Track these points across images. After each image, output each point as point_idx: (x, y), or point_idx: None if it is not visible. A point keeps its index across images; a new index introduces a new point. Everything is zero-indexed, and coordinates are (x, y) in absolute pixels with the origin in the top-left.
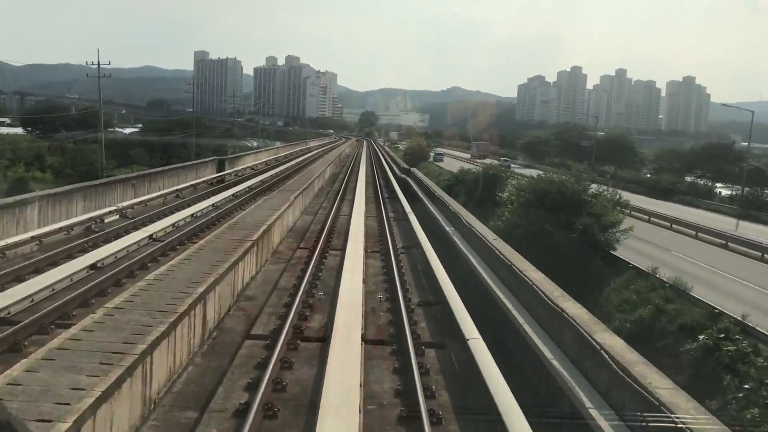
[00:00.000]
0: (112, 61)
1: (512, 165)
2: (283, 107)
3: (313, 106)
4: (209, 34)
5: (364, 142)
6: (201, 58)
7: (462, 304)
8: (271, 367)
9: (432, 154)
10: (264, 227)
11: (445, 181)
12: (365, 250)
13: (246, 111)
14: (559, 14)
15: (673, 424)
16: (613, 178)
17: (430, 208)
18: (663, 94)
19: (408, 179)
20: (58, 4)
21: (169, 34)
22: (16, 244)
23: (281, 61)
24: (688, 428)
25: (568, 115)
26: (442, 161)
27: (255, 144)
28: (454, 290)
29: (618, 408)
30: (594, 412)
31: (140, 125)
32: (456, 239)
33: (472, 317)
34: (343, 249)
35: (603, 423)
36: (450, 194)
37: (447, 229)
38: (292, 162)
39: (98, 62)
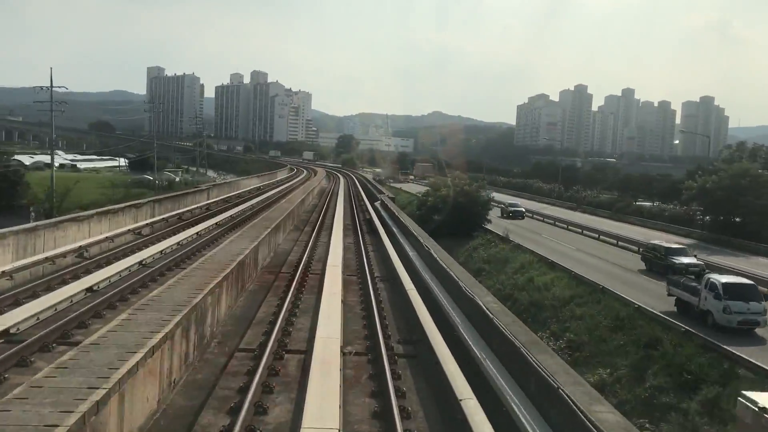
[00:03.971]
0: (81, 85)
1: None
2: (248, 129)
3: (282, 129)
4: (179, 57)
5: (341, 180)
6: (155, 75)
7: None
8: None
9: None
10: None
11: None
12: None
13: (205, 134)
14: (534, 43)
15: None
16: None
17: None
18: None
19: None
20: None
21: (143, 58)
22: None
23: (247, 79)
24: None
25: (573, 139)
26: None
27: (177, 179)
28: None
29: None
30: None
31: None
32: None
33: None
34: None
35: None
36: None
37: None
38: None
39: None
